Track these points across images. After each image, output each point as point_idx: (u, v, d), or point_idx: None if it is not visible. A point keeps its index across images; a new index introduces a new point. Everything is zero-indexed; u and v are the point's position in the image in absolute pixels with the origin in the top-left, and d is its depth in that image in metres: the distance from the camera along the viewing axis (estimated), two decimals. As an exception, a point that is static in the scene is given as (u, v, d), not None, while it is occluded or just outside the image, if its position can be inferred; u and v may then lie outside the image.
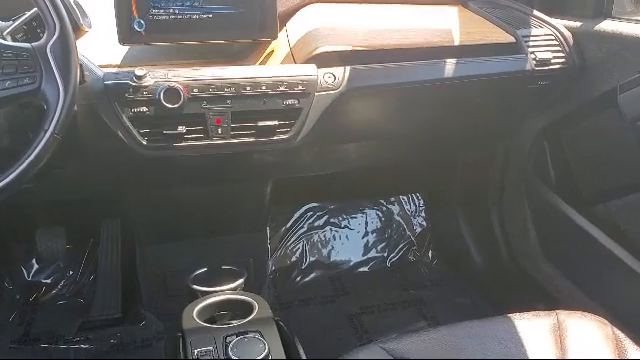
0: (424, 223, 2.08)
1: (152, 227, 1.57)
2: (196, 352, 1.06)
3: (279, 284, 1.88)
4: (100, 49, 1.12)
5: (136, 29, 1.09)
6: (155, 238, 1.58)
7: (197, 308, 1.20)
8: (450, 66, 1.25)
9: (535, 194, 1.62)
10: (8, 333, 1.64)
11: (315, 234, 2.00)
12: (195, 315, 1.18)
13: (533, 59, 1.30)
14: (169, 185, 1.43)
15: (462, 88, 1.29)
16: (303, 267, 1.94)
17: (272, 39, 1.18)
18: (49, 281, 1.81)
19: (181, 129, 1.09)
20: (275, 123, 1.14)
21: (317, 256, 1.97)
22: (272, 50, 1.22)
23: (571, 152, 1.46)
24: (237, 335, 1.08)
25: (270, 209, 1.69)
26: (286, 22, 1.27)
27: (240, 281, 1.38)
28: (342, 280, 1.92)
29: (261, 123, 1.13)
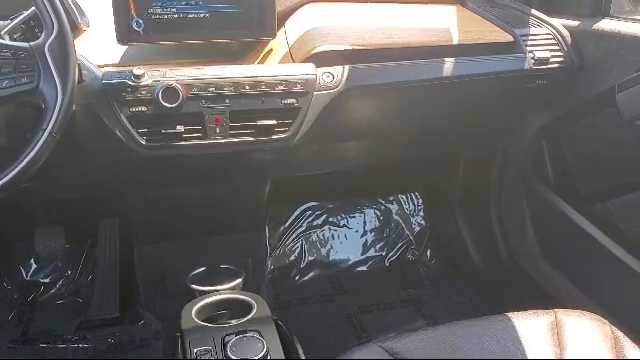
0: (423, 222, 2.08)
1: (150, 226, 1.57)
2: (195, 351, 1.06)
3: (278, 283, 1.88)
4: (98, 48, 1.12)
5: (134, 28, 1.09)
6: (153, 237, 1.58)
7: (196, 307, 1.20)
8: (448, 65, 1.25)
9: (533, 193, 1.62)
10: (6, 333, 1.63)
11: (314, 233, 2.00)
12: (194, 314, 1.18)
13: (531, 58, 1.30)
14: (167, 184, 1.43)
15: (460, 87, 1.29)
16: (302, 266, 1.94)
17: (271, 38, 1.18)
18: (47, 280, 1.80)
19: (179, 128, 1.09)
20: (274, 122, 1.13)
21: (316, 255, 1.97)
22: (271, 49, 1.22)
23: (569, 151, 1.46)
24: (236, 334, 1.08)
25: (269, 208, 1.69)
26: (285, 21, 1.27)
27: (239, 280, 1.38)
28: (341, 279, 1.92)
29: (260, 122, 1.13)
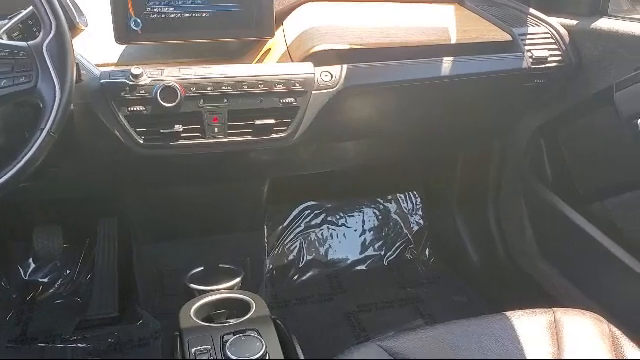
0: (421, 221, 2.08)
1: (149, 226, 1.57)
2: (193, 351, 1.06)
3: (276, 283, 1.88)
4: (96, 48, 1.12)
5: (132, 28, 1.09)
6: (152, 237, 1.58)
7: (194, 307, 1.21)
8: (447, 64, 1.25)
9: (532, 192, 1.62)
10: (5, 332, 1.63)
11: (312, 232, 2.00)
12: (192, 314, 1.18)
13: (529, 57, 1.30)
14: (166, 184, 1.43)
15: (459, 86, 1.29)
16: (300, 265, 1.95)
17: (269, 37, 1.18)
18: (46, 280, 1.80)
19: (178, 128, 1.08)
20: (272, 121, 1.13)
21: (314, 254, 1.97)
22: (269, 48, 1.22)
23: (567, 150, 1.46)
24: (234, 334, 1.08)
25: (267, 208, 1.69)
26: (283, 20, 1.27)
27: (237, 280, 1.38)
28: (339, 278, 1.92)
29: (258, 121, 1.13)
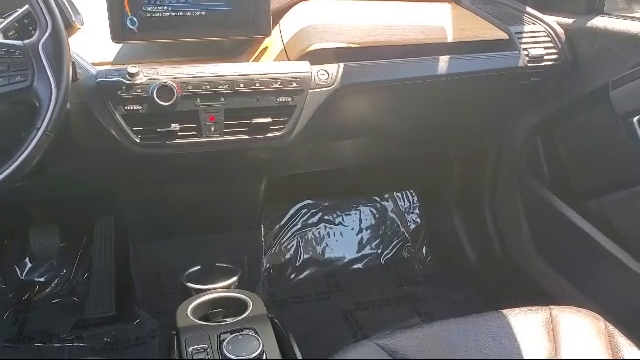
0: (418, 220, 2.09)
1: (146, 225, 1.56)
2: (190, 350, 1.06)
3: (273, 281, 1.88)
4: (92, 46, 1.11)
5: (129, 26, 1.09)
6: (149, 236, 1.58)
7: (191, 306, 1.20)
8: (443, 63, 1.26)
9: (528, 190, 1.63)
10: (1, 332, 1.63)
11: (309, 231, 2.00)
12: (189, 313, 1.18)
13: (526, 55, 1.31)
14: (162, 183, 1.42)
15: (455, 85, 1.29)
16: (297, 264, 1.95)
17: (265, 36, 1.18)
18: (43, 279, 1.80)
19: (174, 127, 1.08)
20: (269, 120, 1.13)
21: (311, 253, 1.97)
22: (265, 47, 1.22)
23: (563, 148, 1.47)
24: (231, 333, 1.08)
25: (264, 206, 1.69)
26: (279, 19, 1.27)
27: (234, 279, 1.38)
28: (336, 277, 1.93)
29: (255, 120, 1.13)
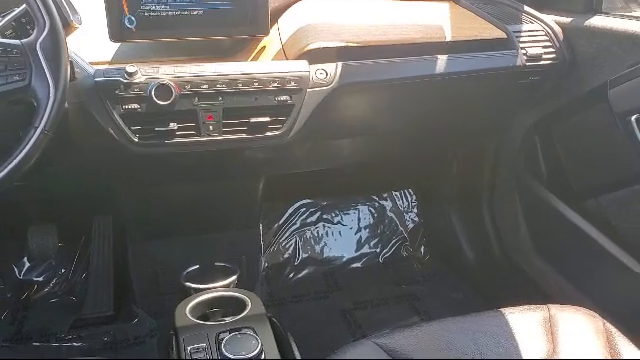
0: (416, 219, 2.09)
1: (144, 224, 1.56)
2: (189, 349, 1.06)
3: (272, 281, 1.88)
4: (91, 46, 1.11)
5: (127, 25, 1.08)
6: (147, 235, 1.57)
7: (190, 305, 1.20)
8: (441, 62, 1.26)
9: (526, 189, 1.63)
10: (0, 332, 1.63)
11: (308, 230, 2.00)
12: (188, 312, 1.18)
13: (524, 54, 1.31)
14: (161, 182, 1.42)
15: (454, 84, 1.29)
16: (296, 263, 1.95)
17: (264, 35, 1.17)
18: (41, 279, 1.80)
19: (173, 126, 1.08)
20: (267, 119, 1.13)
21: (310, 252, 1.97)
22: (264, 46, 1.22)
23: (562, 147, 1.47)
24: (230, 332, 1.08)
25: (262, 206, 1.69)
26: (278, 18, 1.27)
27: (233, 278, 1.39)
28: (335, 276, 1.93)
29: (253, 119, 1.13)
